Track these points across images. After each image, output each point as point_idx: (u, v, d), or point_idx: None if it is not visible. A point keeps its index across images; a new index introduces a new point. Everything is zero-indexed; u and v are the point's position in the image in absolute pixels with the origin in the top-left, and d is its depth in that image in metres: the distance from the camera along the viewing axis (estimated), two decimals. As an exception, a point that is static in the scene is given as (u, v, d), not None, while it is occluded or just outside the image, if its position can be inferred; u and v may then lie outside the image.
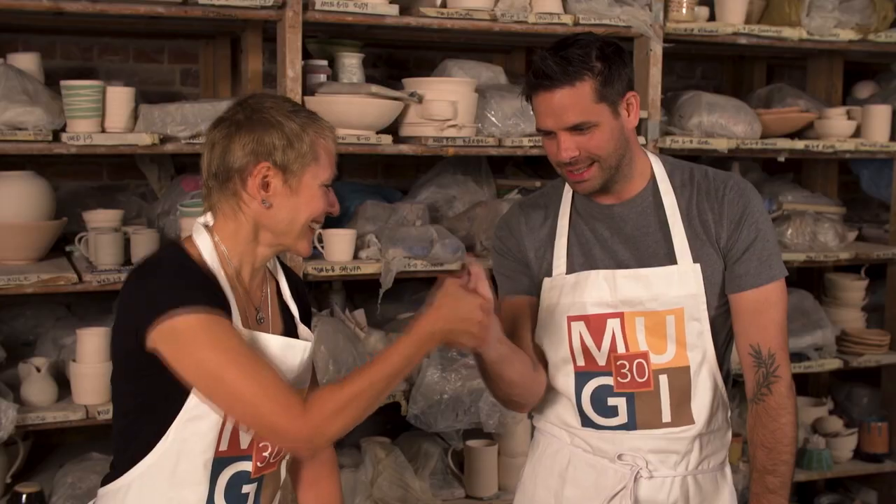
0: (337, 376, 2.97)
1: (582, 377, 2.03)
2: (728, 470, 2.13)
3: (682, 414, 2.01)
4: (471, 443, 3.15)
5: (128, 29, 3.30)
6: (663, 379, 1.99)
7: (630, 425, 2.02)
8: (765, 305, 1.99)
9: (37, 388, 2.74)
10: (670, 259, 1.98)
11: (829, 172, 4.03)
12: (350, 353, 3.00)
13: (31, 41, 3.27)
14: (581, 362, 2.03)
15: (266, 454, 1.83)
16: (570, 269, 2.03)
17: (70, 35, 3.33)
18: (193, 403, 1.72)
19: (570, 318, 2.02)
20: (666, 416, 2.01)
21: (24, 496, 2.72)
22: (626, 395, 2.01)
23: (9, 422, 2.61)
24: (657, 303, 1.98)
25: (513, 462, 3.16)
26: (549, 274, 2.04)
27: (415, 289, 3.50)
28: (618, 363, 2.00)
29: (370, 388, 1.71)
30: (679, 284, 1.97)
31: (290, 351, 1.82)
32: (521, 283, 2.09)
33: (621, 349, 2.00)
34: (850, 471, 3.73)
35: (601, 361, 2.01)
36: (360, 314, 3.26)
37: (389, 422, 3.35)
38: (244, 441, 1.79)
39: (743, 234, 1.98)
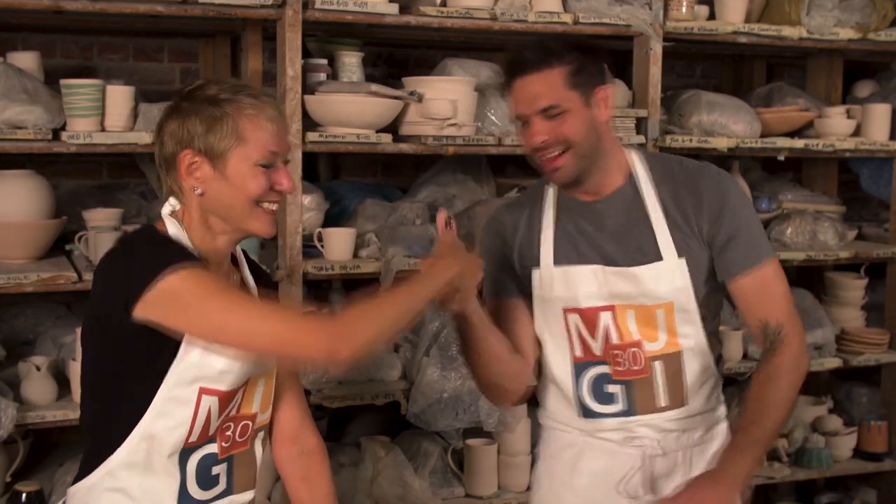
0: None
1: (580, 367, 2.09)
2: (724, 425, 2.17)
3: (676, 397, 2.06)
4: (470, 442, 3.15)
5: (127, 27, 3.30)
6: (657, 365, 2.05)
7: (629, 412, 2.07)
8: (762, 284, 2.03)
9: (36, 386, 2.74)
10: (656, 254, 2.02)
11: (828, 171, 4.03)
12: (350, 351, 3.00)
13: (31, 40, 3.27)
14: (579, 353, 2.08)
15: (229, 433, 1.84)
16: (558, 260, 2.07)
17: (70, 34, 3.33)
18: (162, 400, 1.73)
19: (566, 310, 2.07)
20: (662, 401, 2.06)
21: (23, 495, 2.72)
22: (625, 382, 2.06)
23: (8, 420, 2.61)
24: (646, 298, 2.02)
25: (513, 461, 3.16)
26: (537, 265, 2.09)
27: (414, 288, 3.50)
28: (613, 353, 2.05)
29: (389, 306, 1.76)
30: (667, 280, 2.01)
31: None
32: (505, 285, 2.14)
33: (615, 339, 2.05)
34: (850, 470, 3.73)
35: (597, 351, 2.07)
36: (359, 313, 3.25)
37: (389, 421, 3.35)
38: (212, 429, 1.80)
39: (724, 223, 2.02)
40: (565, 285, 2.06)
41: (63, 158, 3.28)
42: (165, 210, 1.81)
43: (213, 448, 1.83)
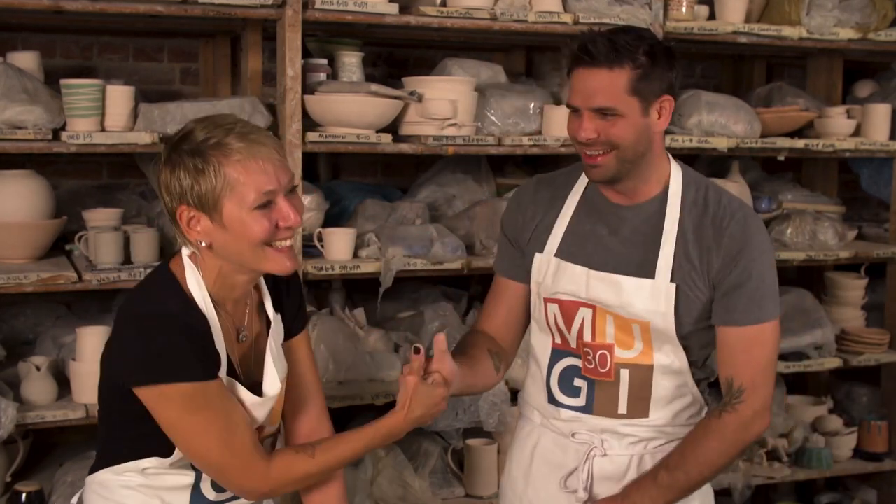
0: (336, 376, 2.98)
1: (557, 354, 2.10)
2: None
3: (637, 408, 2.04)
4: (470, 442, 3.15)
5: (127, 27, 3.30)
6: (625, 373, 2.03)
7: (587, 409, 2.07)
8: (748, 344, 1.97)
9: (36, 386, 2.74)
10: (650, 272, 1.98)
11: (828, 171, 4.03)
12: (350, 352, 3.00)
13: (31, 40, 3.27)
14: (558, 340, 2.10)
15: None
16: (559, 253, 2.07)
17: (70, 34, 3.33)
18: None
19: (546, 300, 2.08)
20: (622, 409, 2.05)
21: (23, 495, 2.72)
22: (589, 380, 2.06)
23: (9, 420, 2.61)
24: (624, 311, 2.00)
25: (512, 461, 3.16)
26: (542, 251, 2.09)
27: (414, 287, 3.50)
28: (584, 349, 2.05)
29: (329, 466, 1.86)
30: (650, 299, 1.97)
31: (259, 407, 1.84)
32: (514, 266, 2.17)
33: (588, 338, 2.04)
34: (850, 470, 3.73)
35: (573, 344, 2.07)
36: (359, 313, 3.26)
37: (389, 421, 3.34)
38: None
39: (736, 271, 1.95)
40: (554, 277, 2.06)
41: (63, 158, 3.28)
42: (185, 251, 1.79)
43: None
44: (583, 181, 2.10)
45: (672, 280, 1.97)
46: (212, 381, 1.73)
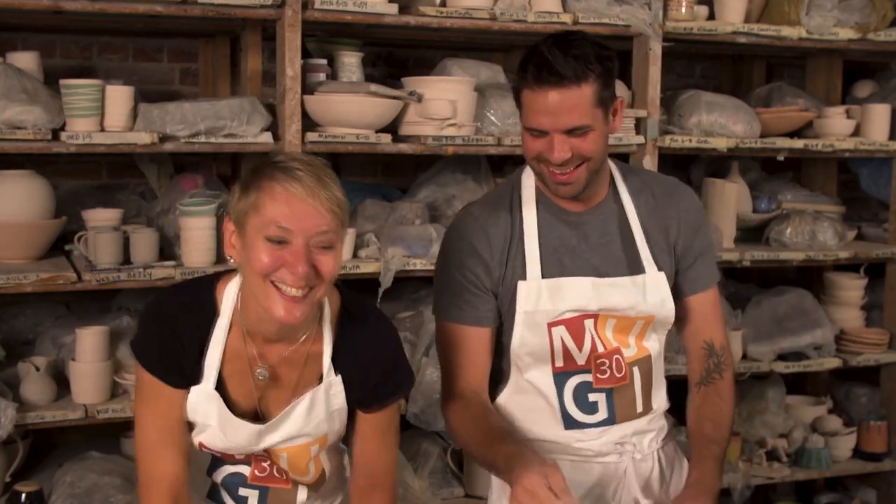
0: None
1: (561, 377, 2.02)
2: (674, 443, 2.21)
3: (647, 402, 2.08)
4: (470, 442, 3.15)
5: (127, 28, 3.30)
6: (636, 370, 2.05)
7: (610, 420, 2.05)
8: (713, 306, 2.11)
9: (36, 387, 2.74)
10: (639, 268, 2.01)
11: (828, 171, 4.03)
12: (349, 351, 3.00)
13: (31, 40, 3.27)
14: (560, 363, 2.02)
15: (265, 464, 1.85)
16: (545, 273, 1.99)
17: (69, 34, 3.33)
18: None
19: (550, 324, 1.99)
20: (639, 407, 2.07)
21: (23, 495, 2.72)
22: (605, 390, 2.04)
23: (8, 421, 2.61)
24: (634, 311, 2.01)
25: (512, 461, 3.15)
26: (524, 277, 1.98)
27: (414, 288, 3.50)
28: (597, 361, 2.02)
29: None
30: (653, 293, 2.01)
31: (231, 429, 1.79)
32: (489, 313, 2.02)
33: (600, 349, 2.02)
34: (850, 470, 3.73)
35: (581, 361, 2.02)
36: (359, 313, 3.25)
37: (389, 421, 3.34)
38: (236, 456, 1.85)
39: (699, 240, 2.07)
40: (553, 298, 1.97)
41: (63, 158, 3.28)
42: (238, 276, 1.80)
43: (244, 470, 1.86)
44: (529, 196, 2.02)
45: (660, 269, 2.03)
46: (171, 388, 1.77)
